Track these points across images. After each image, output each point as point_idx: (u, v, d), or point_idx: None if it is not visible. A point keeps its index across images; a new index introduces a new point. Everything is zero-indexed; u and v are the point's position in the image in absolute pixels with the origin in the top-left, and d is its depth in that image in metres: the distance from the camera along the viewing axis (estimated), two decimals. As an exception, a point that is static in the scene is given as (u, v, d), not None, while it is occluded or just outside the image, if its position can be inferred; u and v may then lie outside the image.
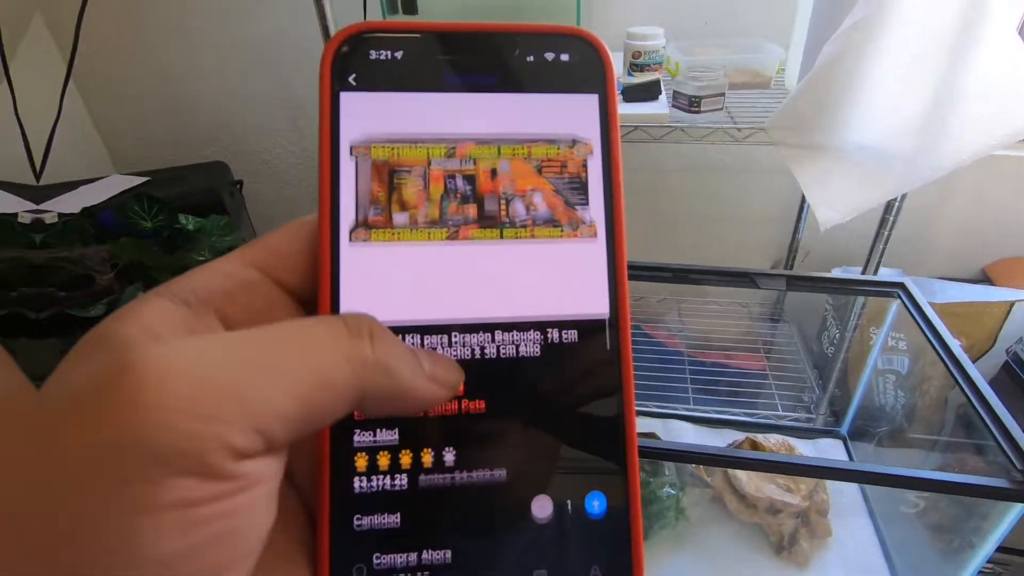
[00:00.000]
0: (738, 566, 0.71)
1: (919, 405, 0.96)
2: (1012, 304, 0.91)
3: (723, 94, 0.81)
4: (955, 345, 0.60)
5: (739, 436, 0.82)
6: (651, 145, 0.84)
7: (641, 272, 0.74)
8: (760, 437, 0.77)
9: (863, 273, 0.89)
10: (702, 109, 0.81)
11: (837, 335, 1.07)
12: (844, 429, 0.84)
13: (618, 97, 0.32)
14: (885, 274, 1.18)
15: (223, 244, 0.84)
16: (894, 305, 0.72)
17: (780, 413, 1.07)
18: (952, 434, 0.99)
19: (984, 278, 1.21)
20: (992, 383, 1.11)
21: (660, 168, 1.29)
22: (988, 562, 1.17)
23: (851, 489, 0.79)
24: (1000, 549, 1.14)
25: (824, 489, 0.73)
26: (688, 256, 1.40)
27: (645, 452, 0.54)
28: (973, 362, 1.09)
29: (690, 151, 1.23)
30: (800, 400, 1.13)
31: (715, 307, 1.37)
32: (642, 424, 0.91)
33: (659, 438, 0.68)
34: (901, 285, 0.69)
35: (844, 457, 0.82)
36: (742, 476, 0.73)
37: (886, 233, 0.85)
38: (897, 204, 0.83)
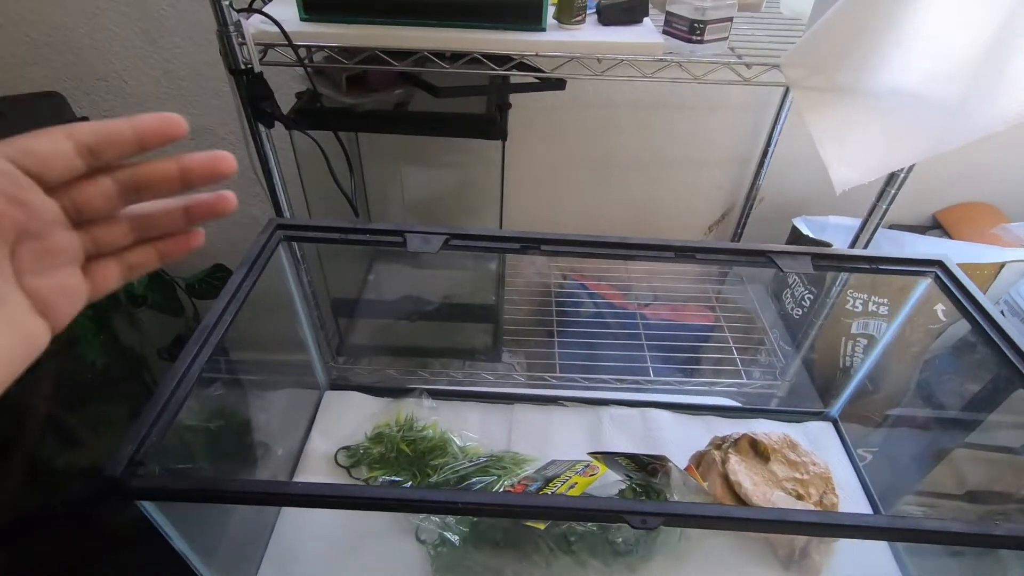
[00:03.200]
0: (743, 584, 0.62)
1: (895, 373, 0.92)
2: (1002, 265, 0.86)
3: (731, 18, 0.64)
4: (1014, 331, 0.52)
5: (727, 428, 0.73)
6: (601, 79, 0.66)
7: (640, 252, 0.59)
8: (762, 435, 0.67)
9: (861, 231, 0.80)
10: (705, 38, 0.64)
11: (807, 296, 0.99)
12: (835, 411, 0.77)
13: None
14: (843, 223, 1.13)
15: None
16: (923, 283, 0.62)
17: (744, 381, 1.00)
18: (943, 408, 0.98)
19: (935, 224, 1.19)
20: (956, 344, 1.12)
21: (610, 103, 1.12)
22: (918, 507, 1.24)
23: (847, 477, 0.72)
24: None
25: (833, 489, 0.65)
26: (638, 201, 1.28)
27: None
28: (950, 325, 1.08)
29: (646, 85, 1.07)
30: (762, 364, 1.07)
31: (666, 263, 1.27)
32: (618, 414, 0.79)
33: (670, 461, 0.56)
34: (939, 264, 0.59)
35: (837, 442, 0.76)
36: (747, 483, 0.63)
37: (892, 192, 0.75)
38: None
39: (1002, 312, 0.97)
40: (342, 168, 0.75)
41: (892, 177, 0.75)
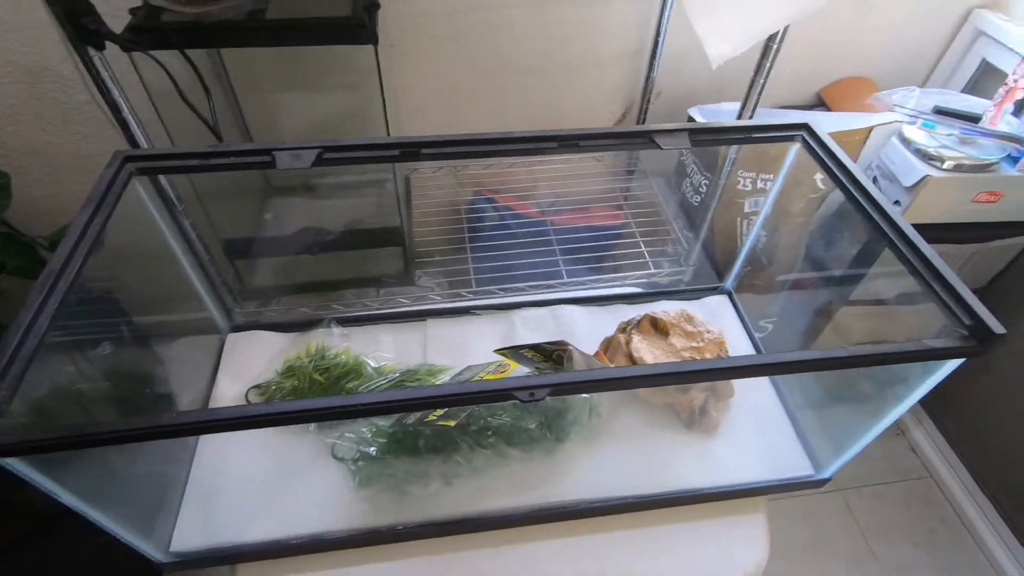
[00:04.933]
0: (655, 447, 0.67)
1: (784, 244, 0.98)
2: (870, 129, 0.91)
3: None
4: (874, 190, 0.55)
5: (632, 314, 0.76)
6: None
7: (521, 145, 0.58)
8: (660, 312, 0.71)
9: (741, 113, 0.82)
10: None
11: (704, 183, 1.03)
12: (729, 284, 0.82)
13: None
14: (735, 108, 1.15)
15: None
16: (793, 149, 0.65)
17: (653, 272, 1.04)
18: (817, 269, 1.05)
19: (820, 102, 1.24)
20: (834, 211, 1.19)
21: (497, 3, 1.06)
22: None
23: (742, 343, 0.78)
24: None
25: (724, 349, 0.70)
26: (540, 107, 1.25)
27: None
28: (828, 194, 1.14)
29: (530, -21, 1.03)
30: (669, 254, 1.11)
31: (568, 164, 1.27)
32: (530, 315, 0.81)
33: (570, 346, 0.58)
34: (805, 127, 0.61)
35: (732, 312, 0.81)
36: (647, 356, 0.66)
37: (768, 65, 0.76)
38: (780, 33, 0.74)
39: (874, 177, 1.05)
40: (202, 94, 0.68)
41: (766, 50, 0.76)
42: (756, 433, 0.69)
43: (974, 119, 0.99)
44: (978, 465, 1.30)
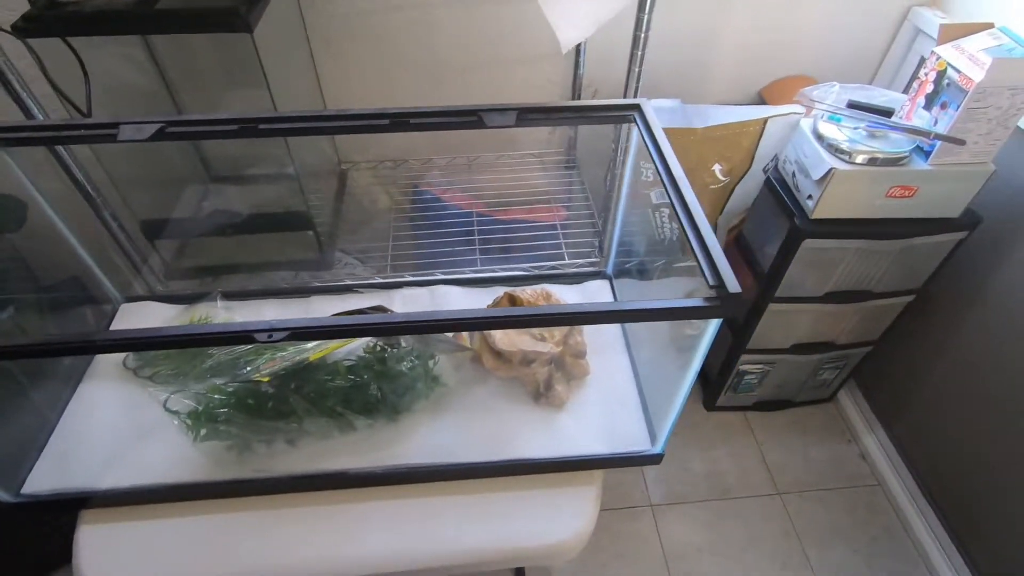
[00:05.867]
0: (500, 418, 0.69)
1: (666, 232, 0.99)
2: (765, 121, 0.91)
3: None
4: (675, 163, 0.57)
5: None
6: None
7: (355, 122, 0.61)
8: (519, 290, 0.73)
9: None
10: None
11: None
12: (609, 269, 0.83)
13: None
14: (661, 105, 1.17)
15: None
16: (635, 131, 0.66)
17: (566, 262, 1.05)
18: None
19: (760, 101, 1.24)
20: (756, 204, 1.19)
21: (424, 3, 1.10)
22: (756, 364, 1.35)
23: (613, 328, 0.79)
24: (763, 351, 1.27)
25: (579, 332, 0.72)
26: (476, 104, 1.28)
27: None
28: (735, 185, 1.14)
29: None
30: (590, 246, 1.13)
31: (509, 161, 1.29)
32: (410, 293, 0.84)
33: (389, 310, 0.61)
34: (636, 107, 0.63)
35: (609, 296, 0.82)
36: (496, 333, 0.68)
37: (639, 54, 0.78)
38: (646, 19, 0.75)
39: (793, 172, 1.04)
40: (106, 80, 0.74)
41: (636, 40, 0.78)
42: (604, 410, 0.70)
43: (887, 113, 0.98)
44: (927, 475, 1.26)
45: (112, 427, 0.68)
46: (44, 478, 0.63)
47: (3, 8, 0.69)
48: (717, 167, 0.92)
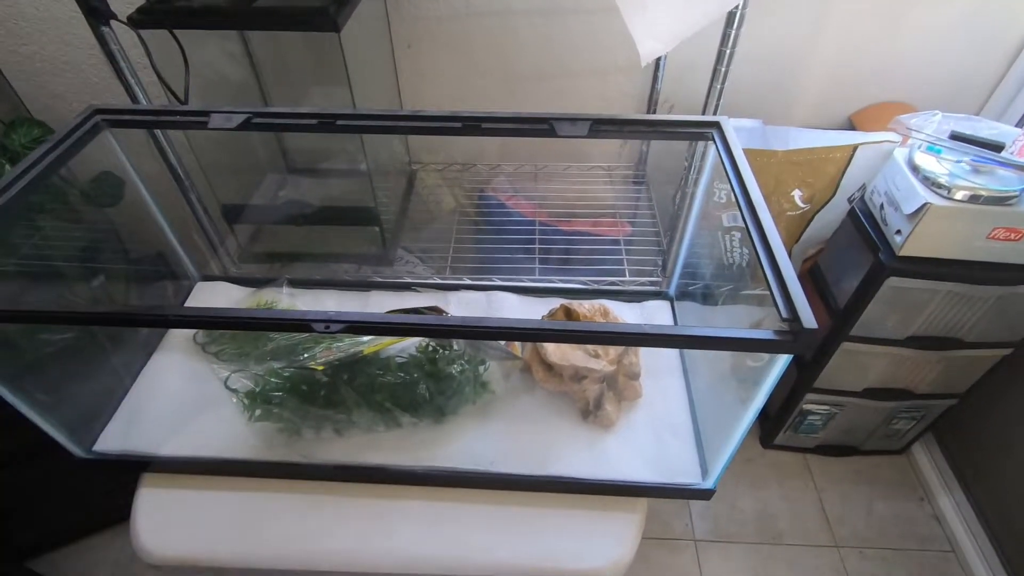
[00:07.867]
0: (545, 432, 0.68)
1: (735, 257, 0.94)
2: (855, 148, 0.85)
3: None
4: (754, 186, 0.54)
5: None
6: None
7: (429, 123, 0.62)
8: (576, 304, 0.71)
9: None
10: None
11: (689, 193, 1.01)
12: (671, 289, 0.80)
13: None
14: (742, 125, 1.12)
15: None
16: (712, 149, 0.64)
17: (626, 279, 1.03)
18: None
19: (850, 126, 1.17)
20: (836, 235, 1.12)
21: (506, 10, 1.11)
22: (822, 405, 1.27)
23: (671, 352, 0.76)
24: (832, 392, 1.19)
25: (635, 353, 0.69)
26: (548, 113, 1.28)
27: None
28: (815, 213, 1.08)
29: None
30: (653, 264, 1.10)
31: (577, 172, 1.28)
32: (467, 297, 0.84)
33: (444, 311, 0.61)
34: (716, 125, 0.60)
35: (669, 317, 0.79)
36: (549, 346, 0.67)
37: (723, 70, 0.75)
38: (734, 34, 0.73)
39: (881, 204, 0.97)
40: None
41: (720, 56, 0.75)
42: (655, 436, 0.67)
43: (996, 147, 0.90)
44: (1008, 545, 1.14)
45: (177, 398, 0.71)
46: (113, 439, 0.67)
47: (122, 2, 0.75)
48: (797, 193, 0.87)
